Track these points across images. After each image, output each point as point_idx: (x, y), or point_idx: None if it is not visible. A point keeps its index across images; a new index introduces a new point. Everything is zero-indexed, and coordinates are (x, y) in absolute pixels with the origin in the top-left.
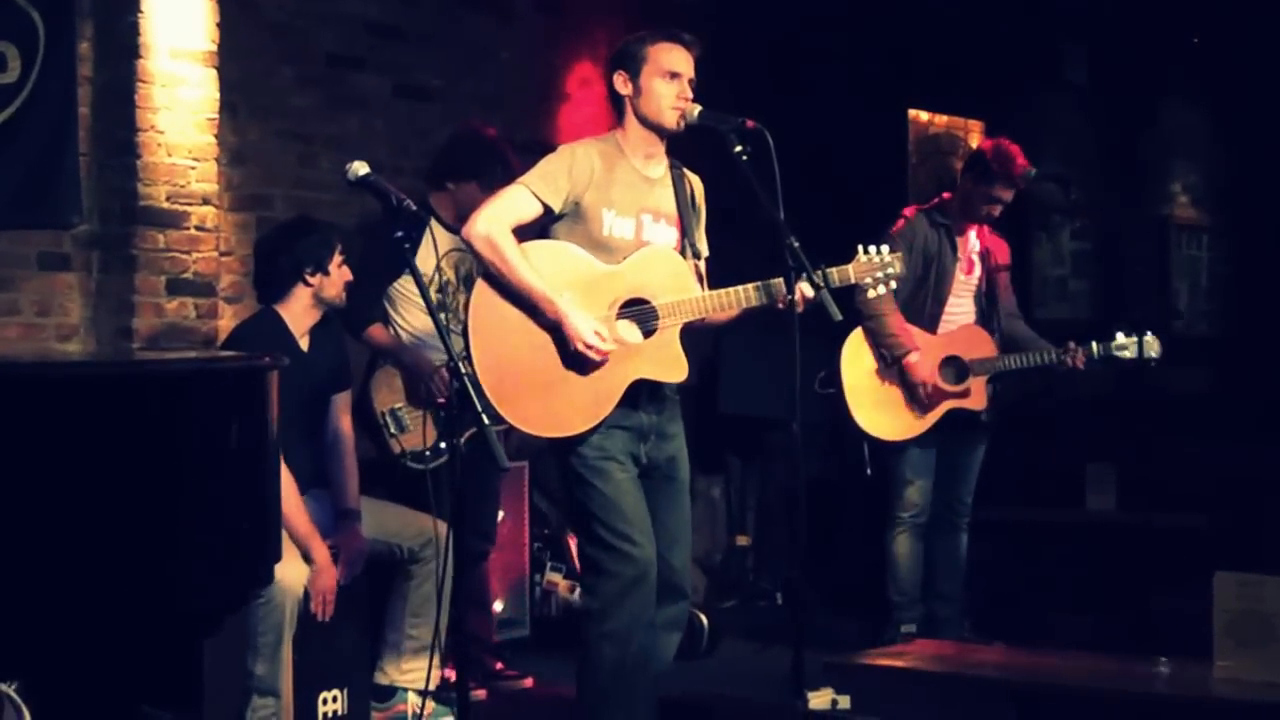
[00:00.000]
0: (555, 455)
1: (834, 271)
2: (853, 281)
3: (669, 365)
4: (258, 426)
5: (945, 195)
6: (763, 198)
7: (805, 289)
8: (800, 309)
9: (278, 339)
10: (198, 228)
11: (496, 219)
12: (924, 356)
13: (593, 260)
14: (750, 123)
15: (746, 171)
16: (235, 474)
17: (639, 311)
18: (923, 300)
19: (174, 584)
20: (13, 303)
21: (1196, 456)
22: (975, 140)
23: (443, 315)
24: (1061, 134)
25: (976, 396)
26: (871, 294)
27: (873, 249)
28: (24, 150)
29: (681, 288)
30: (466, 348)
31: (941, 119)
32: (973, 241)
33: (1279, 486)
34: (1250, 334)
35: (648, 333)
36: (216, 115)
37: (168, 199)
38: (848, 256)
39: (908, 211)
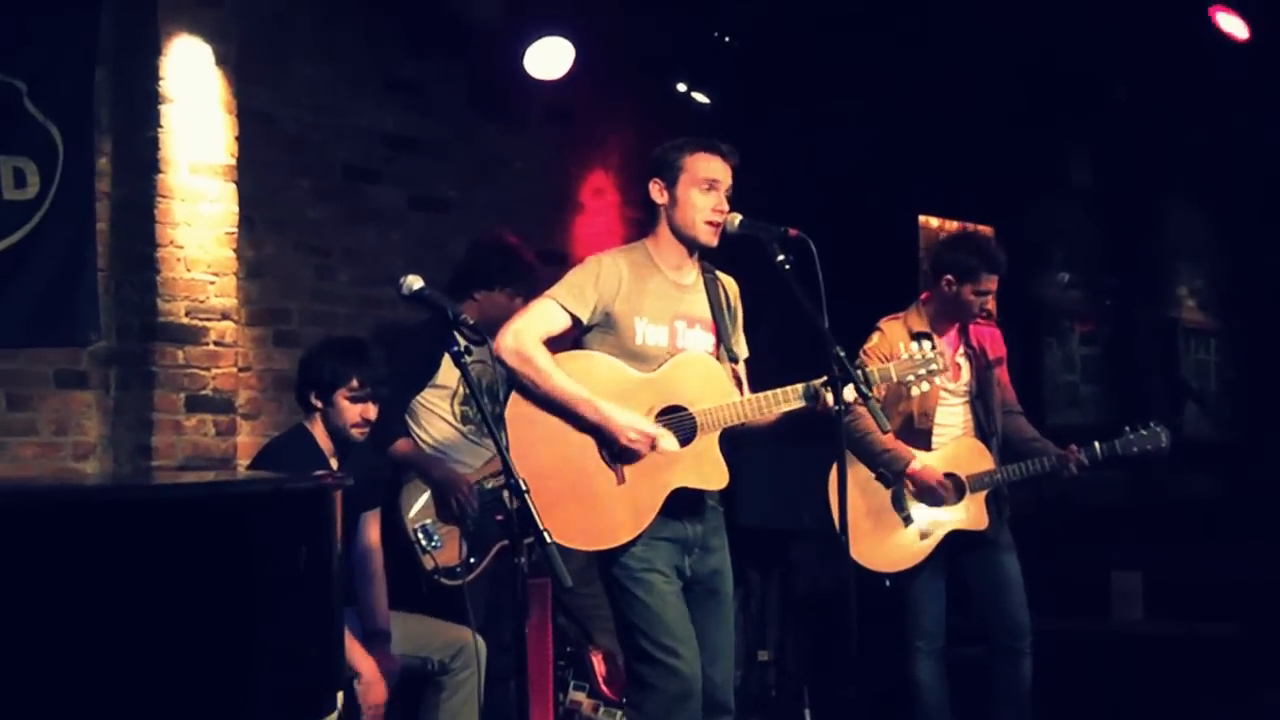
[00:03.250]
0: (598, 568)
1: (874, 370)
2: (894, 380)
3: (708, 473)
4: (324, 549)
5: (923, 296)
6: (806, 307)
7: (850, 395)
8: (847, 413)
9: (309, 456)
10: (216, 343)
11: (525, 331)
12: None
13: (626, 368)
14: (793, 231)
15: (789, 280)
16: (304, 601)
17: (676, 419)
18: (909, 418)
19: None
20: (30, 422)
21: (1220, 563)
22: None
23: (468, 428)
24: (1069, 237)
25: (977, 515)
26: (915, 390)
27: (914, 345)
28: (42, 267)
29: (719, 393)
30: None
31: (951, 224)
32: (956, 343)
33: None
34: (1259, 438)
35: (685, 440)
36: (235, 230)
37: (187, 314)
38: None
39: (883, 324)
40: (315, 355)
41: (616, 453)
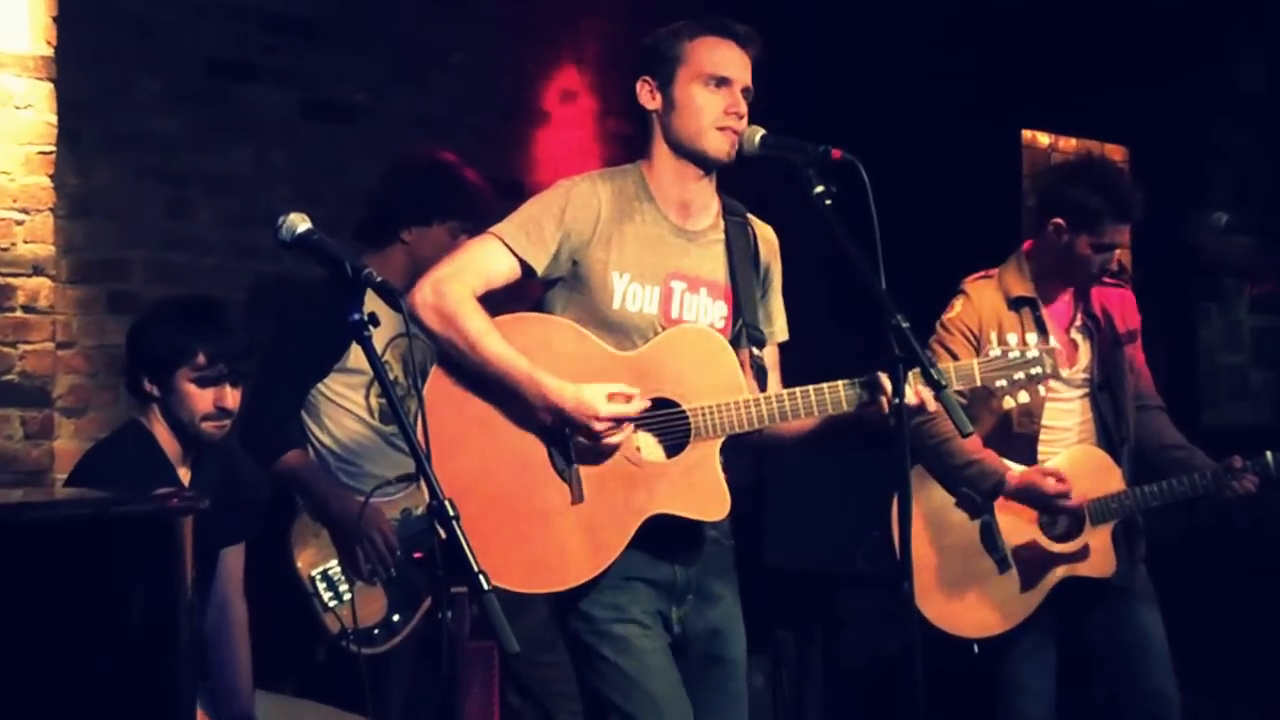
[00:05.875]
0: (554, 619)
1: (949, 369)
2: (978, 383)
3: (702, 497)
4: (168, 600)
5: (1025, 247)
6: (853, 256)
7: (922, 390)
8: (916, 410)
9: (147, 464)
10: (25, 308)
11: (449, 280)
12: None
13: (595, 340)
14: (837, 152)
15: (831, 220)
16: (137, 676)
17: (662, 418)
18: (1005, 420)
19: None
20: None
21: None
22: None
23: (390, 428)
24: (1232, 161)
25: (1100, 555)
26: (1009, 402)
27: (1010, 338)
28: None
29: (724, 385)
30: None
31: (1068, 142)
32: (1070, 312)
33: None
34: None
35: (674, 449)
36: (53, 148)
37: None
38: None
39: (969, 285)
40: (146, 323)
41: (571, 449)
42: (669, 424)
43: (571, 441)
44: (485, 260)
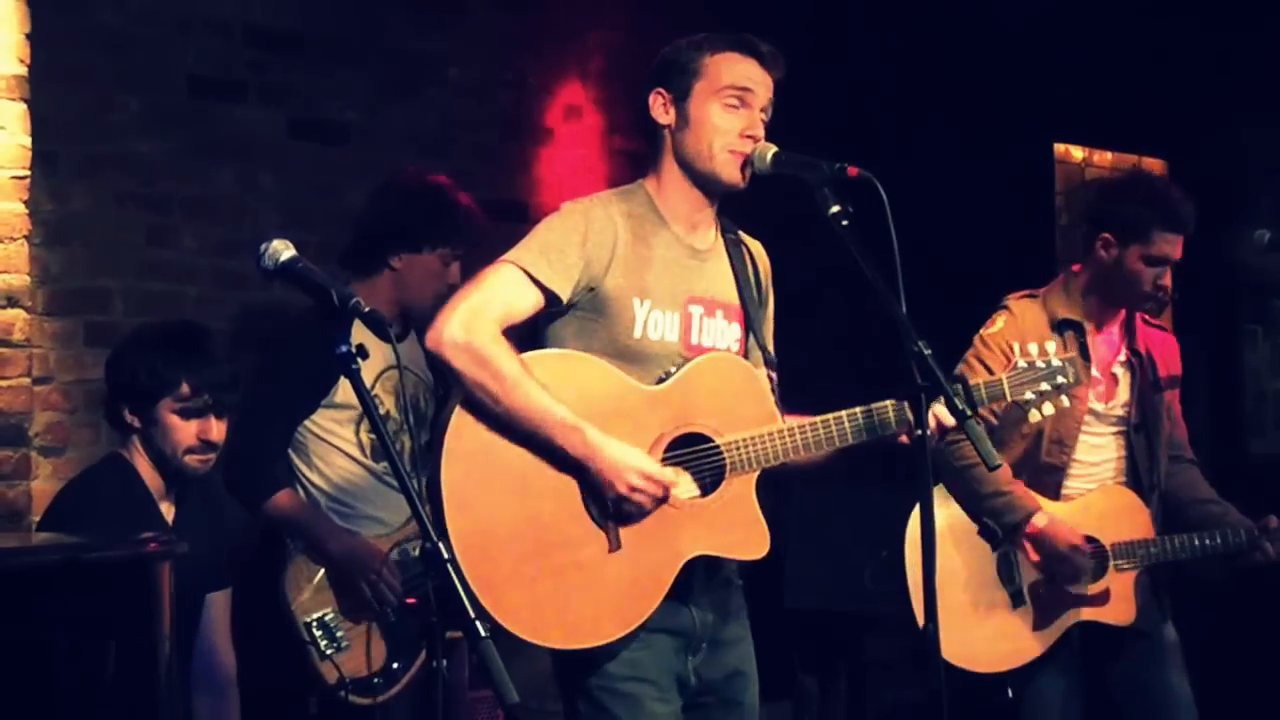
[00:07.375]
0: (554, 668)
1: (980, 385)
2: (1008, 398)
3: (741, 535)
4: (146, 651)
5: (1074, 268)
6: (872, 279)
7: (943, 416)
8: (934, 443)
9: (126, 500)
10: (0, 342)
11: (479, 315)
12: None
13: (623, 376)
14: (853, 170)
15: (848, 242)
16: None
17: (695, 455)
18: (1035, 447)
19: None
20: None
21: None
22: None
23: (382, 465)
24: (1277, 175)
25: (1120, 602)
26: (1036, 415)
27: (1032, 348)
28: None
29: (755, 414)
30: (436, 512)
31: (1104, 156)
32: (1118, 344)
33: None
34: None
35: (709, 486)
36: (27, 172)
37: None
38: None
39: (1012, 302)
40: (127, 350)
41: (610, 507)
42: (703, 460)
43: (608, 497)
44: (509, 292)
